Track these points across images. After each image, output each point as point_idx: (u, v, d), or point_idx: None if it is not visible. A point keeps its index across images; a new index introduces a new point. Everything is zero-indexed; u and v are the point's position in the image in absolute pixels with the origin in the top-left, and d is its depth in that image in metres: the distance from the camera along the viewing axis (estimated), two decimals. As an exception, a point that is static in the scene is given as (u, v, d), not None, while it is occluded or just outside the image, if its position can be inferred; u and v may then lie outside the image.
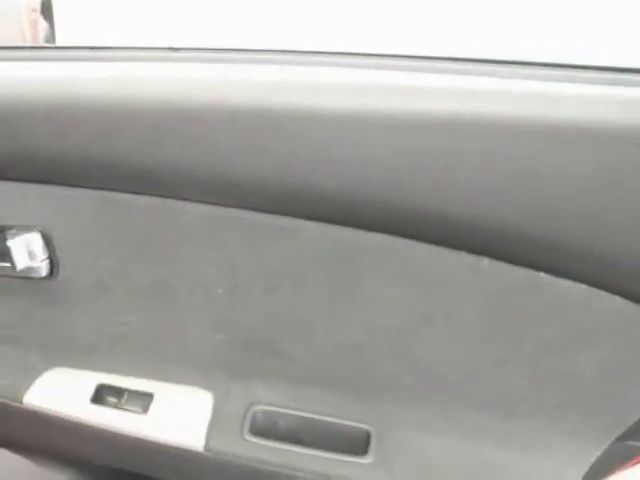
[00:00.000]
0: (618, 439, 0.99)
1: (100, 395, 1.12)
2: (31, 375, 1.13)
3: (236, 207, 0.91)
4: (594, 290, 0.86)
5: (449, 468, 1.01)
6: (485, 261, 0.86)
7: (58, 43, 1.41)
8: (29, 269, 1.01)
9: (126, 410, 1.10)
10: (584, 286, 0.86)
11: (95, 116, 0.87)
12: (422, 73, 0.87)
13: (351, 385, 1.05)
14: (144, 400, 1.10)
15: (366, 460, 1.01)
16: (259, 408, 1.08)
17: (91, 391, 1.11)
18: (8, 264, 1.00)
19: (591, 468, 0.98)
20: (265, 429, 1.07)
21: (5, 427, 1.20)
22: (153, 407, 1.09)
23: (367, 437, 1.03)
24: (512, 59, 0.89)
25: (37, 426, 1.14)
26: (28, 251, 1.00)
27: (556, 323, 0.90)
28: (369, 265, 0.91)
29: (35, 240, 1.00)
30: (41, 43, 1.54)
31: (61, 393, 1.11)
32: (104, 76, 0.92)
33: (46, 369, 1.14)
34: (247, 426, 1.05)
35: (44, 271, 1.03)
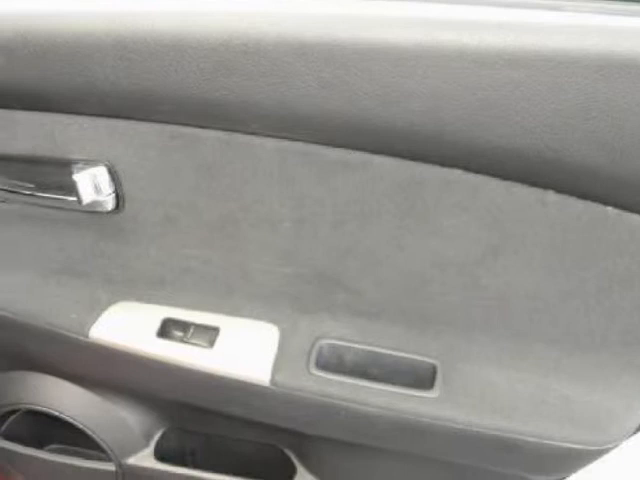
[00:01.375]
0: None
1: (166, 329, 1.20)
2: (97, 309, 1.21)
3: (304, 141, 0.96)
4: None
5: (516, 402, 1.08)
6: (552, 195, 0.92)
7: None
8: (95, 203, 1.07)
9: (192, 344, 1.17)
10: None
11: (162, 50, 0.91)
12: (491, 7, 0.92)
13: (418, 318, 1.12)
14: (210, 334, 1.18)
15: (432, 394, 1.08)
16: (325, 342, 1.15)
17: (157, 325, 1.19)
18: (74, 198, 1.06)
19: (658, 402, 1.05)
20: (331, 363, 1.15)
21: (71, 361, 1.29)
22: (219, 341, 1.16)
23: (433, 371, 1.11)
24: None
25: (103, 360, 1.23)
26: (94, 185, 1.06)
27: (623, 256, 0.96)
28: (437, 199, 0.97)
29: (101, 174, 1.06)
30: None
31: (127, 327, 1.20)
32: (171, 10, 0.97)
33: (112, 303, 1.22)
34: (313, 360, 1.13)
35: (110, 205, 1.09)
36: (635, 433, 1.05)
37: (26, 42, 0.96)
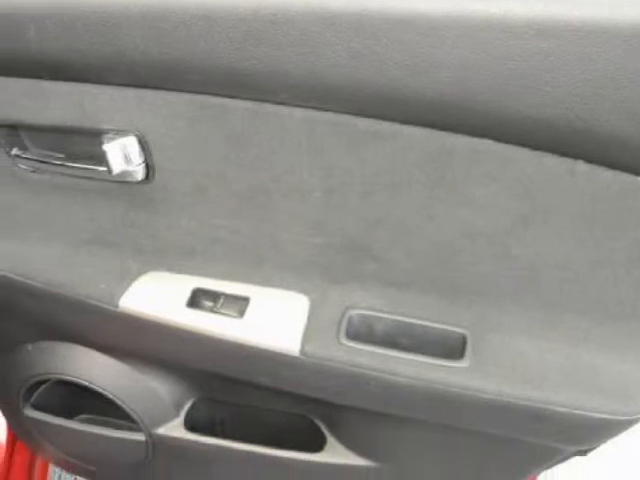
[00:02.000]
0: None
1: (196, 299, 1.23)
2: (127, 279, 1.25)
3: (333, 111, 0.98)
4: None
5: (546, 372, 1.11)
6: (582, 164, 0.94)
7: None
8: (125, 173, 1.10)
9: (222, 314, 1.20)
10: None
11: (191, 19, 0.93)
12: None
13: (447, 288, 1.15)
14: (240, 304, 1.21)
15: (462, 364, 1.12)
16: (355, 312, 1.18)
17: (187, 295, 1.23)
18: (104, 168, 1.09)
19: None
20: (361, 333, 1.18)
21: (101, 331, 1.34)
22: (249, 311, 1.20)
23: (463, 341, 1.14)
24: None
25: (133, 330, 1.27)
26: (124, 155, 1.08)
27: None
28: (467, 169, 0.99)
29: (131, 144, 1.08)
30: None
31: (157, 297, 1.23)
32: None
33: (142, 273, 1.26)
34: (343, 330, 1.16)
35: (140, 175, 1.12)
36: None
37: (55, 12, 0.98)
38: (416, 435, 1.33)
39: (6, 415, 1.73)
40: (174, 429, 1.46)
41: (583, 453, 1.25)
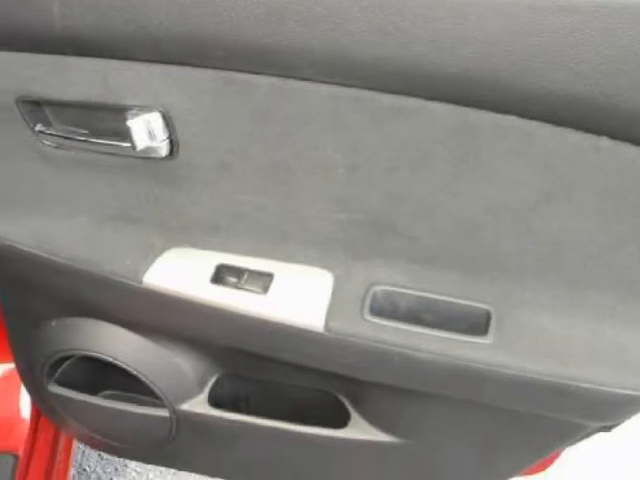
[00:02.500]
0: None
1: (220, 275, 1.25)
2: (151, 255, 1.27)
3: (357, 87, 1.00)
4: None
5: (570, 348, 1.13)
6: (606, 140, 0.95)
7: None
8: (149, 149, 1.11)
9: (246, 290, 1.23)
10: None
11: None
12: None
13: (471, 265, 1.17)
14: (264, 280, 1.23)
15: (486, 340, 1.13)
16: (379, 288, 1.20)
17: (211, 271, 1.25)
18: (128, 144, 1.10)
19: None
20: (385, 309, 1.20)
21: (125, 307, 1.36)
22: (273, 287, 1.22)
23: (487, 317, 1.16)
24: None
25: (157, 306, 1.29)
26: (148, 131, 1.09)
27: None
28: (490, 145, 1.01)
29: (155, 120, 1.09)
30: None
31: (181, 273, 1.25)
32: None
33: (166, 249, 1.28)
34: (367, 306, 1.18)
35: (164, 151, 1.13)
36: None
37: None
38: (440, 411, 1.35)
39: (30, 391, 1.76)
40: (198, 405, 1.49)
41: (607, 429, 1.27)
